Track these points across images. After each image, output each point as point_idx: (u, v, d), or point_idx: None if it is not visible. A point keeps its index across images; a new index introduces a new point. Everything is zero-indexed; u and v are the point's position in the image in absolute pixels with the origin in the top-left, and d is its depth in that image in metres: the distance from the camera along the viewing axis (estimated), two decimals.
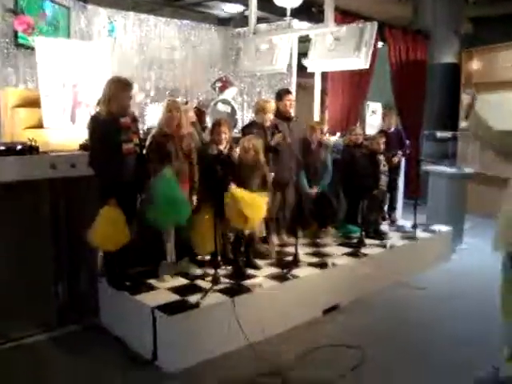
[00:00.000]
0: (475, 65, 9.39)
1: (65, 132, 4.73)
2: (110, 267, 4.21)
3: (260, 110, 5.18)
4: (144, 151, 4.25)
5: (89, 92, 4.92)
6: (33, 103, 4.85)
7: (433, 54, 9.83)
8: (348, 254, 5.25)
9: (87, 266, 4.38)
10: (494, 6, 10.72)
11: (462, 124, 9.65)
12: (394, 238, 5.98)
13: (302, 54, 7.00)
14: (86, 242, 3.88)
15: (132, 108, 4.12)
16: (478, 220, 7.67)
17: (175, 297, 3.97)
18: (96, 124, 3.97)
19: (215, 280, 4.14)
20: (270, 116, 5.18)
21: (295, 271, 4.61)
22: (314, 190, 5.71)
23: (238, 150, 4.68)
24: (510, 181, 3.20)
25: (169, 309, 3.72)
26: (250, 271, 4.55)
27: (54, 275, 4.24)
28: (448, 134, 8.94)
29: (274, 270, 4.64)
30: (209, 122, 5.85)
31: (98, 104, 4.01)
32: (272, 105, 5.25)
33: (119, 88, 3.97)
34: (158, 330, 3.69)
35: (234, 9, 10.38)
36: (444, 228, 6.62)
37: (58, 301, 4.26)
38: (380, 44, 8.80)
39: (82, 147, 4.36)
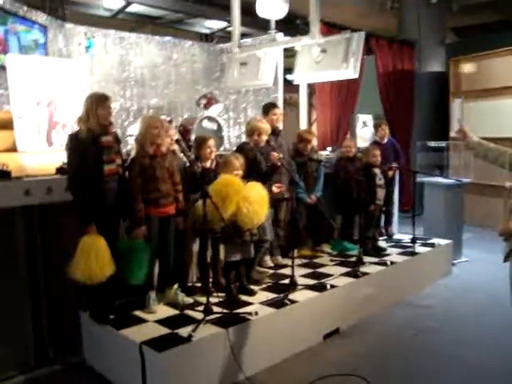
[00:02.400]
0: (464, 73, 9.30)
1: (40, 155, 4.42)
2: (92, 300, 3.87)
3: (253, 131, 4.88)
4: (126, 174, 3.96)
5: (66, 112, 4.64)
6: (5, 125, 4.54)
7: (420, 63, 9.77)
8: (347, 274, 4.95)
9: (67, 299, 4.03)
10: (477, 15, 10.74)
11: (452, 133, 9.54)
12: (393, 254, 5.72)
13: (287, 70, 6.79)
14: (66, 273, 3.56)
15: None
16: (474, 230, 7.51)
17: (165, 330, 3.64)
18: (75, 143, 3.69)
19: (207, 310, 3.79)
20: (265, 137, 4.90)
21: (292, 295, 4.30)
22: (313, 198, 5.48)
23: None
24: None
25: (158, 344, 3.40)
26: (245, 298, 4.26)
27: (31, 311, 3.93)
28: (440, 144, 8.75)
29: (270, 295, 4.34)
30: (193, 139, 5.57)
31: (78, 122, 3.75)
32: (267, 126, 4.93)
33: (96, 102, 3.71)
34: (146, 368, 3.37)
35: (216, 25, 10.24)
36: (443, 241, 6.36)
37: (37, 339, 3.94)
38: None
39: (59, 171, 4.06)
